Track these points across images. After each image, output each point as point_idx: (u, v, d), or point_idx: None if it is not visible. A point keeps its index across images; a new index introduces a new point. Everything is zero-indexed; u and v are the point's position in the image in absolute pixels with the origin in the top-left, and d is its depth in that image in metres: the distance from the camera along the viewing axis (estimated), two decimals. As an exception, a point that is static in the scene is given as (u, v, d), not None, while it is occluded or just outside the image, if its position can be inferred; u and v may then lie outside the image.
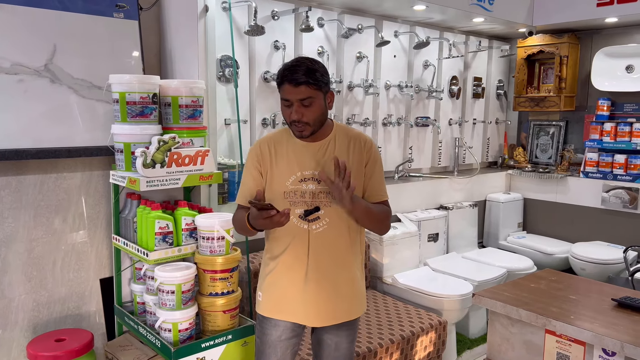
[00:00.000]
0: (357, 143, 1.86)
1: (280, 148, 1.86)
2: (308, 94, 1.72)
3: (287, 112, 1.77)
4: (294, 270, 1.84)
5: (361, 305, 1.95)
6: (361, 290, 1.94)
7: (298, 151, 1.83)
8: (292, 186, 1.81)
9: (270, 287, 1.90)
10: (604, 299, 2.15)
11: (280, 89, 1.76)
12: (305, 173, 1.81)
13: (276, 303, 1.89)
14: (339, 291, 1.86)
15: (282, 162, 1.84)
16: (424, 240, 3.66)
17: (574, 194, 4.22)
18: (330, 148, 1.84)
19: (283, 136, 1.89)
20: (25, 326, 2.42)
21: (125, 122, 2.28)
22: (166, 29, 2.78)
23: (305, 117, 1.74)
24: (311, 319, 1.87)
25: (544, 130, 4.63)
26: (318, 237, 1.81)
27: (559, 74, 4.23)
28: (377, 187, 1.88)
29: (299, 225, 1.82)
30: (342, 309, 1.88)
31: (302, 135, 1.79)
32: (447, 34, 4.14)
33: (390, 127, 3.84)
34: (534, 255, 3.98)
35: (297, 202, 1.80)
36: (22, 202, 2.39)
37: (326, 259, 1.83)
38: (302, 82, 1.70)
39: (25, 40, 2.30)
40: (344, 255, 1.86)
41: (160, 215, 2.25)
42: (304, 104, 1.73)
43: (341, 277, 1.86)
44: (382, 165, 1.92)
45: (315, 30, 3.24)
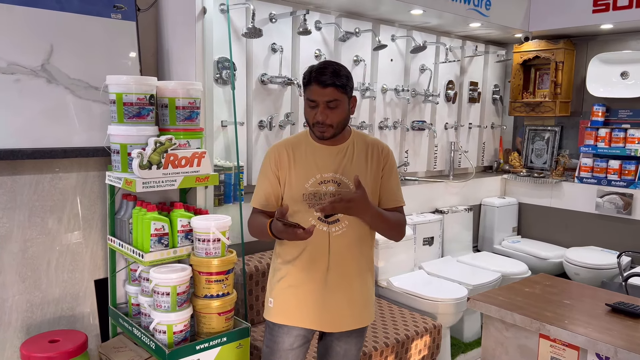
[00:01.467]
0: (375, 149, 1.88)
1: (298, 151, 1.86)
2: (334, 96, 1.73)
3: (312, 113, 1.77)
4: (313, 274, 1.82)
5: (373, 311, 1.96)
6: (373, 296, 1.96)
7: (317, 154, 1.84)
8: (312, 188, 1.81)
9: (285, 292, 1.88)
10: (598, 303, 2.16)
11: (307, 89, 1.77)
12: (325, 175, 1.81)
13: (290, 309, 1.86)
14: (354, 296, 1.86)
15: (300, 164, 1.84)
16: (419, 243, 3.67)
17: (568, 199, 4.24)
18: (349, 152, 1.85)
19: (301, 139, 1.90)
20: (18, 327, 2.41)
21: (122, 123, 2.27)
22: (164, 30, 2.78)
23: (330, 120, 1.75)
24: (326, 325, 1.86)
25: (539, 135, 4.66)
26: (338, 240, 1.81)
27: (555, 79, 4.26)
28: (394, 192, 1.90)
29: (319, 227, 1.80)
30: (356, 315, 1.88)
31: (323, 136, 1.79)
32: (443, 38, 4.16)
33: (387, 130, 3.85)
34: (529, 260, 4.00)
35: (317, 204, 1.78)
36: (16, 201, 2.38)
37: (346, 262, 1.83)
38: (329, 84, 1.71)
39: (22, 40, 2.29)
40: (361, 259, 1.87)
41: (156, 217, 2.24)
42: (330, 105, 1.73)
43: (357, 281, 1.86)
44: (397, 172, 1.95)
45: (312, 33, 3.25)
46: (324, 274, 1.81)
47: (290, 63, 3.22)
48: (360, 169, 1.84)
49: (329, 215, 1.77)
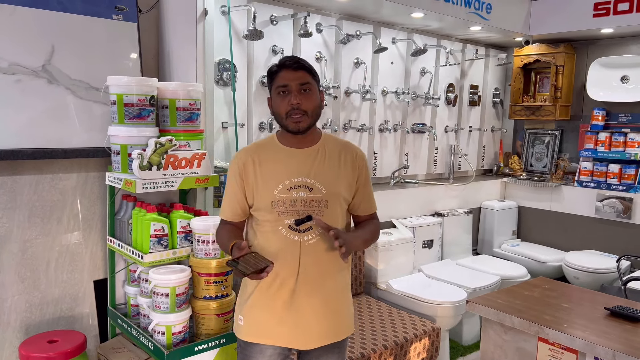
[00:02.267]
0: (349, 153, 1.79)
1: (265, 156, 1.75)
2: (307, 79, 1.67)
3: (284, 101, 1.66)
4: (281, 287, 1.70)
5: (351, 322, 1.84)
6: (351, 306, 1.84)
7: (286, 158, 1.73)
8: (281, 195, 1.69)
9: (254, 308, 1.75)
10: (597, 307, 2.16)
11: (277, 77, 1.68)
12: (294, 180, 1.70)
13: (261, 326, 1.74)
14: (329, 308, 1.73)
15: (268, 170, 1.73)
16: (418, 246, 3.67)
17: (568, 202, 4.24)
18: (320, 154, 1.75)
19: (268, 144, 1.79)
20: (17, 327, 2.41)
21: (122, 123, 2.28)
22: (165, 32, 2.79)
23: (304, 105, 1.65)
24: (300, 342, 1.73)
25: (539, 138, 4.66)
26: (310, 249, 1.69)
27: (555, 83, 4.26)
28: (370, 200, 1.86)
29: (289, 236, 1.68)
30: (331, 329, 1.75)
31: (299, 127, 1.67)
32: (444, 41, 4.16)
33: (387, 133, 3.85)
34: (528, 263, 4.00)
35: (287, 212, 1.68)
36: (16, 202, 2.38)
37: (317, 273, 1.70)
38: (301, 67, 1.67)
39: (24, 41, 2.30)
40: (335, 269, 1.75)
41: (155, 218, 2.25)
42: (304, 88, 1.65)
43: (332, 292, 1.74)
44: (370, 175, 1.87)
45: (313, 35, 3.26)
46: (293, 287, 1.69)
47: (291, 65, 3.22)
48: (333, 172, 1.74)
49: (301, 222, 1.64)
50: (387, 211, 3.67)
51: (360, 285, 3.22)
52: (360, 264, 3.20)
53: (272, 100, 1.73)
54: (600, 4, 3.77)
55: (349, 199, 1.78)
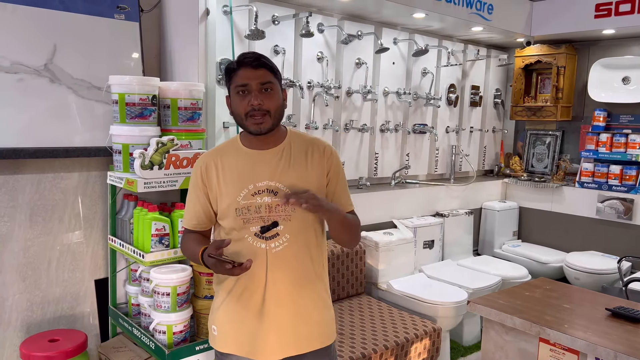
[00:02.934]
0: (315, 149, 1.67)
1: (228, 160, 1.65)
2: (268, 78, 1.57)
3: (244, 101, 1.56)
4: (250, 297, 1.62)
5: (331, 330, 1.73)
6: (329, 313, 1.73)
7: (249, 161, 1.63)
8: (244, 201, 1.59)
9: (226, 318, 1.67)
10: (598, 308, 2.16)
11: (235, 76, 1.58)
12: (258, 185, 1.60)
13: (234, 337, 1.66)
14: (303, 317, 1.64)
15: (231, 175, 1.63)
16: (419, 246, 3.66)
17: (569, 203, 4.24)
18: (285, 155, 1.64)
19: (230, 147, 1.69)
20: (18, 326, 2.41)
21: (124, 123, 2.28)
22: (167, 31, 2.79)
23: (266, 105, 1.56)
24: (274, 354, 1.63)
25: (540, 139, 4.66)
26: (278, 257, 1.60)
27: (556, 84, 4.26)
28: (344, 196, 1.71)
29: (255, 244, 1.59)
30: (308, 338, 1.66)
31: (260, 129, 1.57)
32: (445, 42, 4.16)
33: (388, 133, 3.85)
34: (529, 264, 4.00)
35: (252, 219, 1.59)
36: (18, 201, 2.38)
37: (287, 281, 1.61)
38: (261, 65, 1.57)
39: (26, 40, 2.30)
40: (307, 276, 1.65)
41: (157, 217, 2.25)
42: (265, 87, 1.56)
43: (305, 301, 1.65)
44: (344, 173, 1.74)
45: (315, 35, 3.26)
46: (261, 298, 1.61)
47: (293, 65, 3.23)
48: (299, 172, 1.63)
49: (267, 230, 1.56)
50: (388, 211, 3.67)
51: (361, 286, 3.22)
52: (362, 264, 3.20)
53: (231, 100, 1.62)
54: (601, 5, 3.77)
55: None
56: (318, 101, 3.34)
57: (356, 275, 3.17)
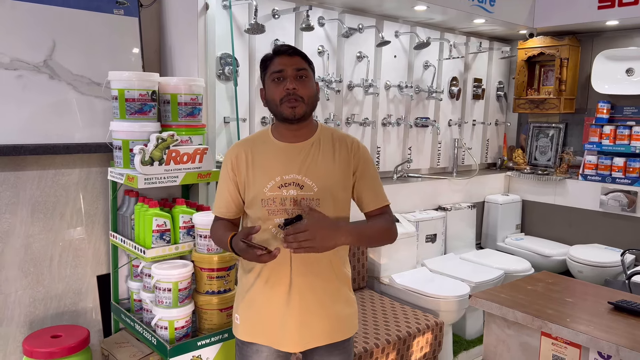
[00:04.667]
0: (342, 145, 1.69)
1: (258, 151, 1.68)
2: (303, 65, 1.61)
3: (280, 87, 1.59)
4: (275, 288, 1.66)
5: (353, 323, 1.77)
6: (352, 306, 1.76)
7: (278, 154, 1.66)
8: (271, 193, 1.62)
9: (249, 307, 1.72)
10: (601, 302, 2.15)
11: (271, 64, 1.62)
12: (285, 178, 1.62)
13: (257, 326, 1.70)
14: (326, 310, 1.67)
15: (259, 166, 1.66)
16: (421, 240, 3.66)
17: (572, 196, 4.22)
18: (314, 149, 1.66)
19: (262, 138, 1.72)
20: (21, 322, 2.42)
21: (124, 119, 2.28)
22: (166, 26, 2.78)
23: (301, 91, 1.58)
24: (296, 344, 1.67)
25: (543, 132, 4.63)
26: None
27: (559, 76, 4.23)
28: (375, 191, 1.70)
29: (279, 236, 1.60)
30: (329, 330, 1.69)
31: (294, 113, 1.59)
32: (447, 34, 4.14)
33: (390, 127, 3.83)
34: (532, 257, 3.99)
35: (277, 211, 1.62)
36: (19, 197, 2.39)
37: (311, 274, 1.64)
38: (297, 53, 1.62)
39: (25, 36, 2.30)
40: (331, 269, 1.68)
41: (157, 213, 2.25)
42: (299, 74, 1.59)
43: (328, 293, 1.68)
44: (375, 167, 1.75)
45: (315, 29, 3.24)
46: (287, 289, 1.64)
47: (293, 59, 3.21)
48: (326, 167, 1.65)
49: (290, 223, 1.55)
50: (390, 206, 3.65)
51: (363, 280, 3.22)
52: (364, 259, 3.20)
53: (265, 89, 1.67)
54: (605, -4, 3.74)
55: (346, 195, 1.69)
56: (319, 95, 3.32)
57: (358, 269, 3.17)
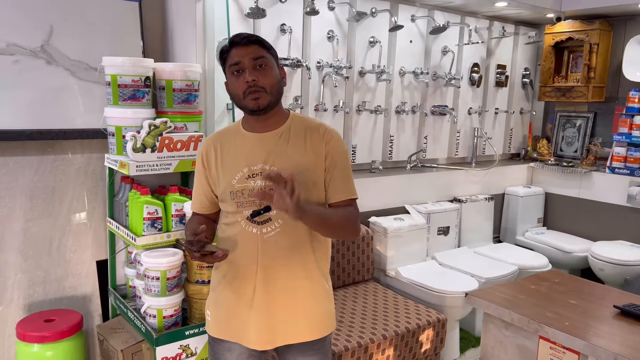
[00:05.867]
0: (315, 133, 1.61)
1: (227, 143, 1.64)
2: (260, 53, 1.53)
3: (239, 80, 1.53)
4: (242, 283, 1.61)
5: (328, 320, 1.70)
6: (326, 304, 1.69)
7: (247, 145, 1.61)
8: (239, 184, 1.58)
9: (218, 303, 1.68)
10: (607, 305, 2.02)
11: (229, 56, 1.55)
12: (253, 169, 1.58)
13: (226, 323, 1.66)
14: (296, 307, 1.61)
15: (228, 158, 1.62)
16: (433, 233, 3.54)
17: (598, 190, 4.01)
18: (283, 139, 1.60)
19: (232, 131, 1.68)
20: (20, 304, 2.46)
21: (117, 105, 2.26)
22: (168, 12, 2.74)
23: (261, 81, 1.52)
24: (262, 342, 1.62)
25: (570, 122, 4.41)
26: (270, 243, 1.57)
27: (588, 62, 4.00)
28: (342, 183, 1.61)
29: (247, 229, 1.57)
30: (300, 328, 1.63)
31: (258, 104, 1.53)
32: (469, 19, 3.96)
33: (404, 115, 3.71)
34: (552, 253, 3.82)
35: (246, 203, 1.57)
36: (18, 182, 2.41)
37: (280, 268, 1.58)
38: (253, 41, 1.54)
39: (22, 21, 2.30)
40: (302, 264, 1.60)
41: (148, 201, 2.23)
42: (258, 64, 1.52)
43: (300, 289, 1.61)
44: (348, 158, 1.65)
45: (325, 13, 3.15)
46: (254, 286, 1.58)
47: (301, 45, 3.13)
48: (296, 156, 1.57)
49: (257, 214, 1.51)
50: (401, 196, 3.56)
51: (368, 272, 3.14)
52: (368, 250, 3.12)
53: (228, 84, 1.60)
54: (638, -23, 3.49)
55: (318, 185, 1.59)
56: (328, 82, 3.23)
57: (362, 261, 3.09)
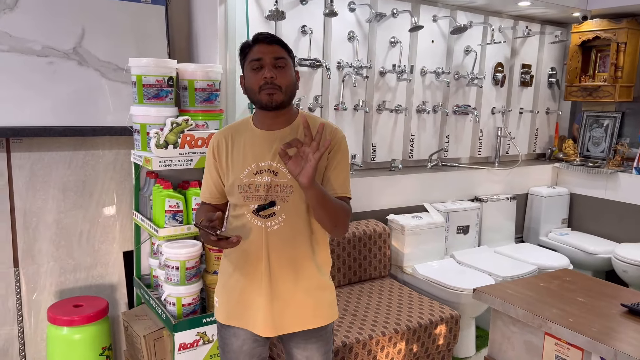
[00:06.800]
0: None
1: (238, 138, 1.71)
2: (281, 54, 1.62)
3: (258, 75, 1.60)
4: (250, 273, 1.69)
5: (328, 310, 1.76)
6: (328, 294, 1.76)
7: (256, 141, 1.68)
8: (247, 179, 1.65)
9: (226, 291, 1.77)
10: (615, 303, 2.02)
11: (250, 51, 1.63)
12: (261, 164, 1.65)
13: (233, 309, 1.74)
14: (298, 296, 1.69)
15: (238, 153, 1.69)
16: (452, 231, 3.57)
17: (625, 191, 3.95)
18: (291, 137, 1.65)
19: (242, 126, 1.75)
20: (52, 291, 2.63)
21: (141, 103, 2.38)
22: (194, 14, 2.87)
23: (279, 80, 1.59)
24: (268, 328, 1.69)
25: (597, 122, 4.35)
26: (275, 236, 1.65)
27: (615, 62, 3.94)
28: (339, 179, 1.68)
29: (253, 222, 1.65)
30: (305, 316, 1.71)
31: (272, 99, 1.59)
32: (492, 18, 3.96)
33: (425, 114, 3.74)
34: (575, 254, 3.78)
35: (252, 197, 1.65)
36: (52, 176, 2.57)
37: (284, 260, 1.66)
38: (275, 41, 1.63)
39: (56, 24, 2.45)
40: (305, 256, 1.68)
41: (170, 194, 2.34)
42: (278, 64, 1.60)
43: (302, 280, 1.69)
44: (348, 158, 1.72)
45: (345, 14, 3.22)
46: (262, 273, 1.66)
47: (322, 45, 3.20)
48: None
49: (262, 209, 1.60)
50: (420, 195, 3.59)
51: (385, 268, 3.19)
52: (385, 247, 3.17)
53: (244, 77, 1.67)
54: (667, -26, 3.43)
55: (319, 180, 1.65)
56: (348, 82, 3.30)
57: (379, 257, 3.15)
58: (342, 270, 3.02)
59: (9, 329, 2.55)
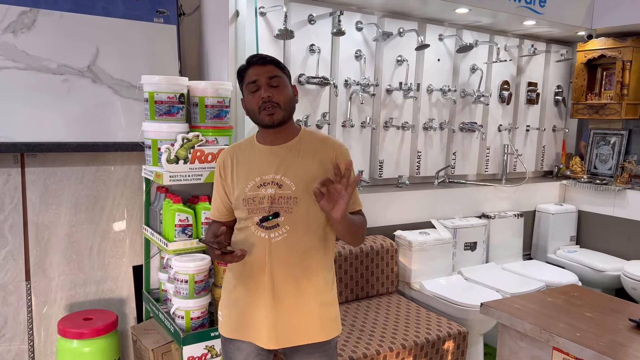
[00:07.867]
0: (325, 145, 1.74)
1: (242, 155, 1.77)
2: (275, 72, 1.68)
3: (256, 96, 1.66)
4: (253, 284, 1.70)
5: (332, 324, 1.76)
6: (331, 308, 1.76)
7: (260, 156, 1.74)
8: (251, 192, 1.69)
9: (229, 304, 1.78)
10: (623, 318, 2.02)
11: (246, 74, 1.70)
12: (265, 178, 1.69)
13: (237, 322, 1.75)
14: (302, 309, 1.69)
15: (243, 168, 1.74)
16: (460, 248, 3.57)
17: (633, 208, 3.94)
18: (294, 150, 1.72)
19: (247, 144, 1.81)
20: (63, 305, 2.65)
21: (153, 119, 2.43)
22: (204, 33, 2.94)
23: (276, 98, 1.65)
24: (271, 341, 1.70)
25: (604, 139, 4.36)
26: (278, 247, 1.66)
27: (621, 80, 3.97)
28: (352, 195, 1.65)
29: (257, 233, 1.68)
30: (309, 330, 1.71)
31: (273, 119, 1.65)
32: (498, 37, 4.01)
33: (432, 131, 3.78)
34: (583, 272, 3.77)
35: (256, 209, 1.68)
36: (64, 191, 2.62)
37: (287, 272, 1.67)
38: (269, 62, 1.69)
39: (71, 44, 2.52)
40: (308, 268, 1.69)
41: (180, 209, 2.38)
42: (273, 83, 1.66)
43: (306, 293, 1.69)
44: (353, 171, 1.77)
45: (353, 33, 3.28)
46: (265, 286, 1.67)
47: (330, 64, 3.26)
48: (305, 167, 1.69)
49: (266, 220, 1.64)
50: (427, 211, 3.61)
51: (392, 284, 3.20)
52: (393, 263, 3.18)
53: (244, 100, 1.75)
54: (671, -7, 3.48)
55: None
56: (355, 99, 3.35)
57: (387, 273, 3.16)
58: (349, 285, 3.03)
59: (19, 342, 2.57)
